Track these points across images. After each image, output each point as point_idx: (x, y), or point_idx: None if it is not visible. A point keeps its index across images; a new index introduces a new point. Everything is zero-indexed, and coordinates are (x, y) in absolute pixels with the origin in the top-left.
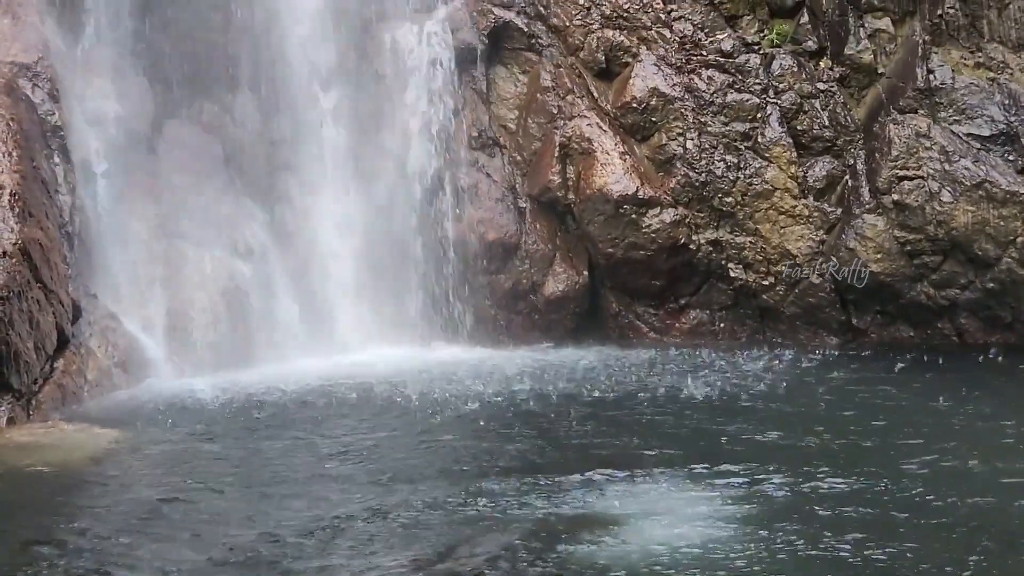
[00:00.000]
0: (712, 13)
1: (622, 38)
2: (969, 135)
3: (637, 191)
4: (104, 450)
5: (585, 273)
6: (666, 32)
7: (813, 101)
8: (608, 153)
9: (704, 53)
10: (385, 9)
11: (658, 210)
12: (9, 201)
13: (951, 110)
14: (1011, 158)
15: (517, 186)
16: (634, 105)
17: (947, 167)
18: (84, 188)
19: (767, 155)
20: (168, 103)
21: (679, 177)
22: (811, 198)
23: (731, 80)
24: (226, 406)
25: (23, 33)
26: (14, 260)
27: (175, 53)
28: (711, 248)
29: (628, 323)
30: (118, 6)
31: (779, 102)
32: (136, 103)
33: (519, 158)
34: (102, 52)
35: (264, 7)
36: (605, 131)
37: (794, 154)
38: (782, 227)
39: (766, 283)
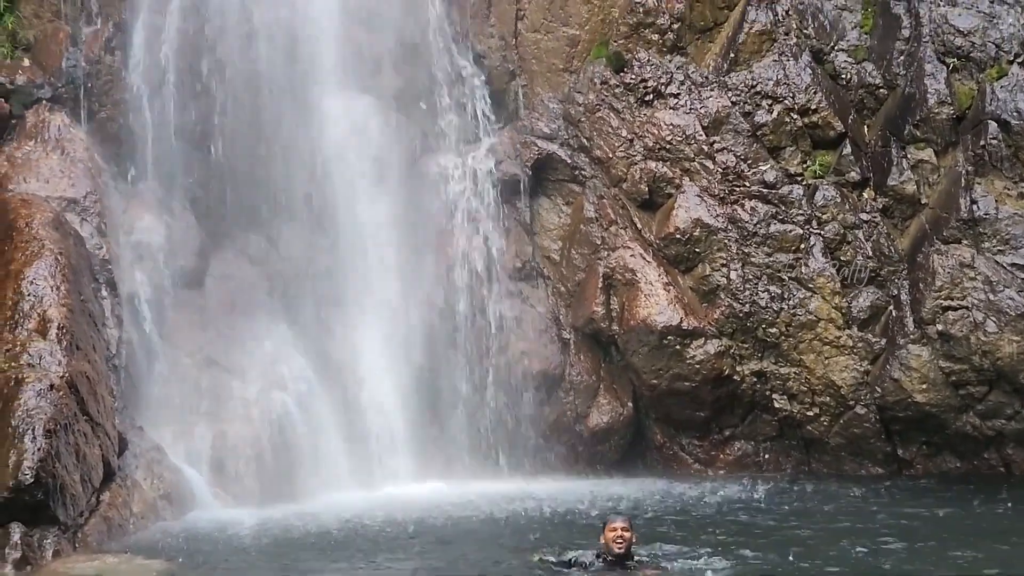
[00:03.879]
0: (755, 144)
1: (665, 169)
2: (1013, 265)
3: (681, 322)
4: None
5: (629, 404)
6: (709, 163)
7: (856, 231)
8: (652, 284)
9: (747, 184)
10: (430, 141)
11: (702, 341)
12: (57, 334)
13: (995, 240)
14: None
15: (561, 317)
16: (677, 236)
17: (992, 297)
18: (131, 321)
19: (811, 286)
20: (215, 236)
21: (723, 308)
22: (855, 328)
23: (774, 211)
24: (268, 542)
25: (72, 168)
26: (61, 393)
27: (222, 187)
28: (755, 379)
29: (672, 454)
30: (165, 141)
31: (822, 233)
32: (183, 237)
33: (563, 289)
34: (149, 186)
35: (309, 140)
36: (649, 262)
37: (838, 284)
38: (826, 358)
39: (811, 414)
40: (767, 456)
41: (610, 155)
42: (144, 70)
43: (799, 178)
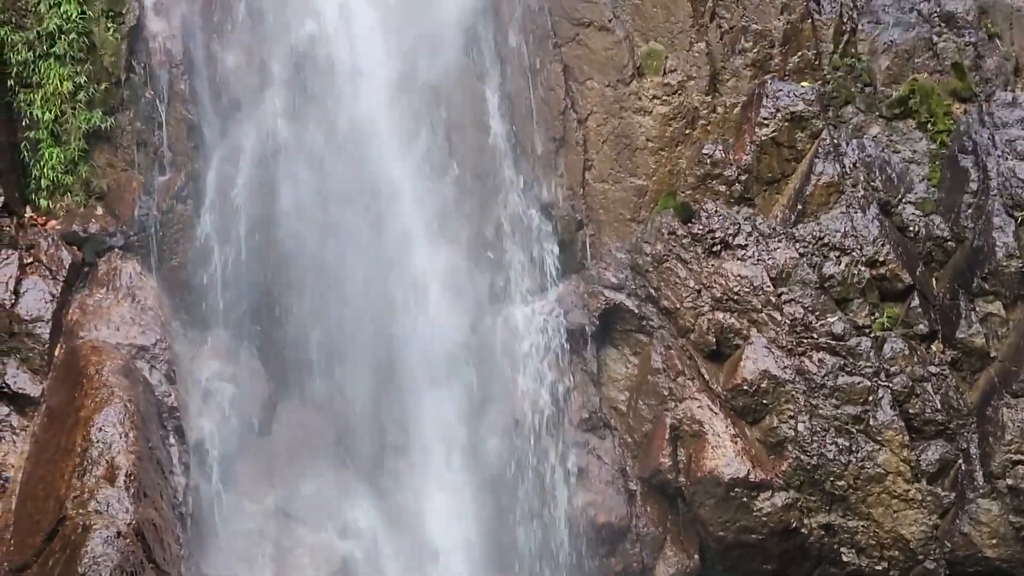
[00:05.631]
0: (822, 296)
1: (733, 320)
2: None
3: (748, 474)
4: None
5: (696, 556)
6: (776, 315)
7: (925, 384)
8: (719, 435)
9: (815, 336)
10: (498, 291)
11: (770, 493)
12: (125, 482)
13: None
14: None
15: (628, 468)
16: (745, 387)
17: None
18: (198, 469)
19: (879, 438)
20: (282, 383)
21: (791, 460)
22: (924, 482)
23: (842, 363)
24: None
25: (142, 316)
26: (128, 541)
27: (290, 335)
28: (823, 532)
29: None
30: (234, 290)
31: (891, 385)
32: (250, 385)
33: (630, 440)
34: (218, 334)
35: (375, 288)
36: (716, 413)
37: (906, 437)
38: (895, 511)
39: (879, 568)
40: None
41: (678, 305)
42: (215, 219)
43: (867, 330)
